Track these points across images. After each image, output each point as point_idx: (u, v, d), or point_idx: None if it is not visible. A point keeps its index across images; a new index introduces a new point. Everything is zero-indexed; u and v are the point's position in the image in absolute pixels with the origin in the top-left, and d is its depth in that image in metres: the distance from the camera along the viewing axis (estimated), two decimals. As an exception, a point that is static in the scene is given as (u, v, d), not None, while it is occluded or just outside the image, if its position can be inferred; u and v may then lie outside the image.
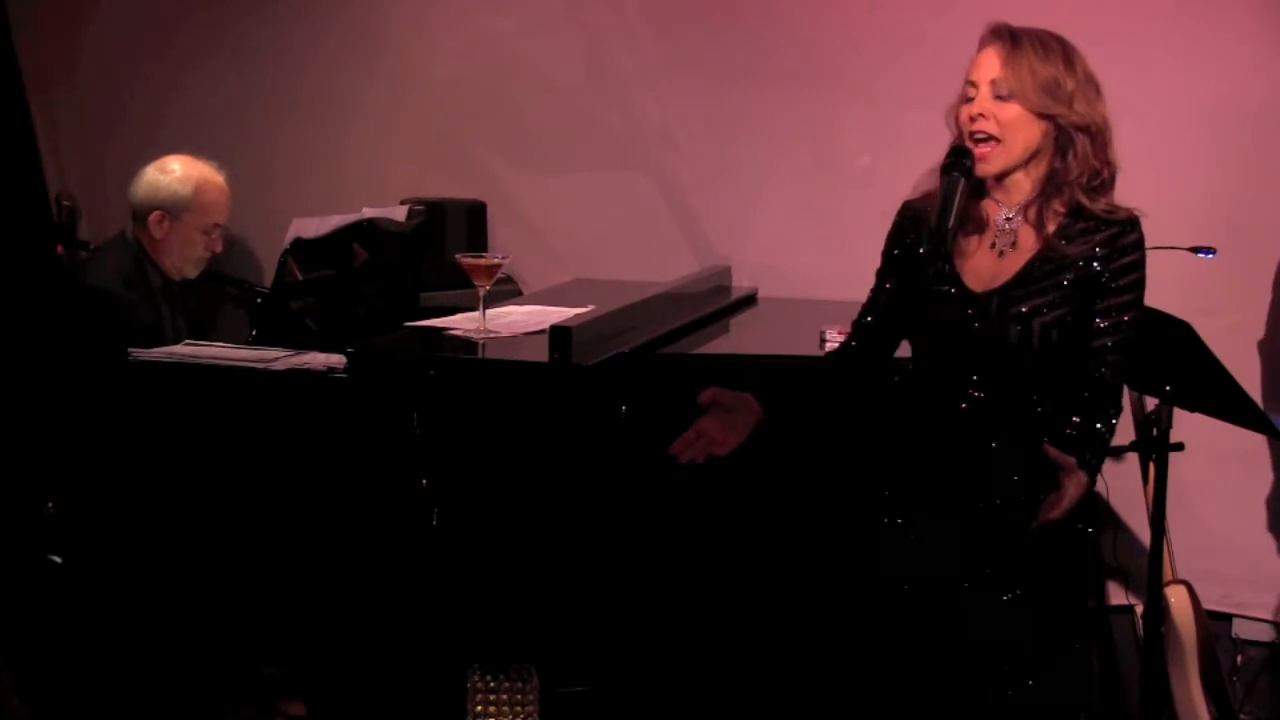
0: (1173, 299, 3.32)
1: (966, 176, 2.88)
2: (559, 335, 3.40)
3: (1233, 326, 4.07)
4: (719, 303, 4.24)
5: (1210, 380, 3.11)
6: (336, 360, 3.53)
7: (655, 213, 4.66)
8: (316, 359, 3.59)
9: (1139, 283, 2.91)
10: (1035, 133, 2.89)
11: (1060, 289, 2.88)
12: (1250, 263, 4.13)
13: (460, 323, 3.74)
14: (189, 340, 3.93)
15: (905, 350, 3.07)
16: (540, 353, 3.42)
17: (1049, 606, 2.91)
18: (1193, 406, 3.28)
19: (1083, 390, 2.87)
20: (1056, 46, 2.91)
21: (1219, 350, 3.11)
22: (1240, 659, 4.24)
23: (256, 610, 3.61)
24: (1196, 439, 3.48)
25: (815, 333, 3.68)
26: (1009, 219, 2.93)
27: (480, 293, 3.63)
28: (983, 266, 2.91)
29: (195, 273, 4.29)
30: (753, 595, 3.51)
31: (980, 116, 2.87)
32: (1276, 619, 4.23)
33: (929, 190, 2.97)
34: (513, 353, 3.54)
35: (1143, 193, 4.06)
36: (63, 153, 5.03)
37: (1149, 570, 3.36)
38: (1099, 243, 2.90)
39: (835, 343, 3.13)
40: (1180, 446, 3.39)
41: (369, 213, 4.29)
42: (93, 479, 3.69)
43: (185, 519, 3.59)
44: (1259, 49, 4.15)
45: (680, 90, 4.66)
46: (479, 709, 3.46)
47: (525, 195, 4.76)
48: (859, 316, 3.09)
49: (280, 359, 3.61)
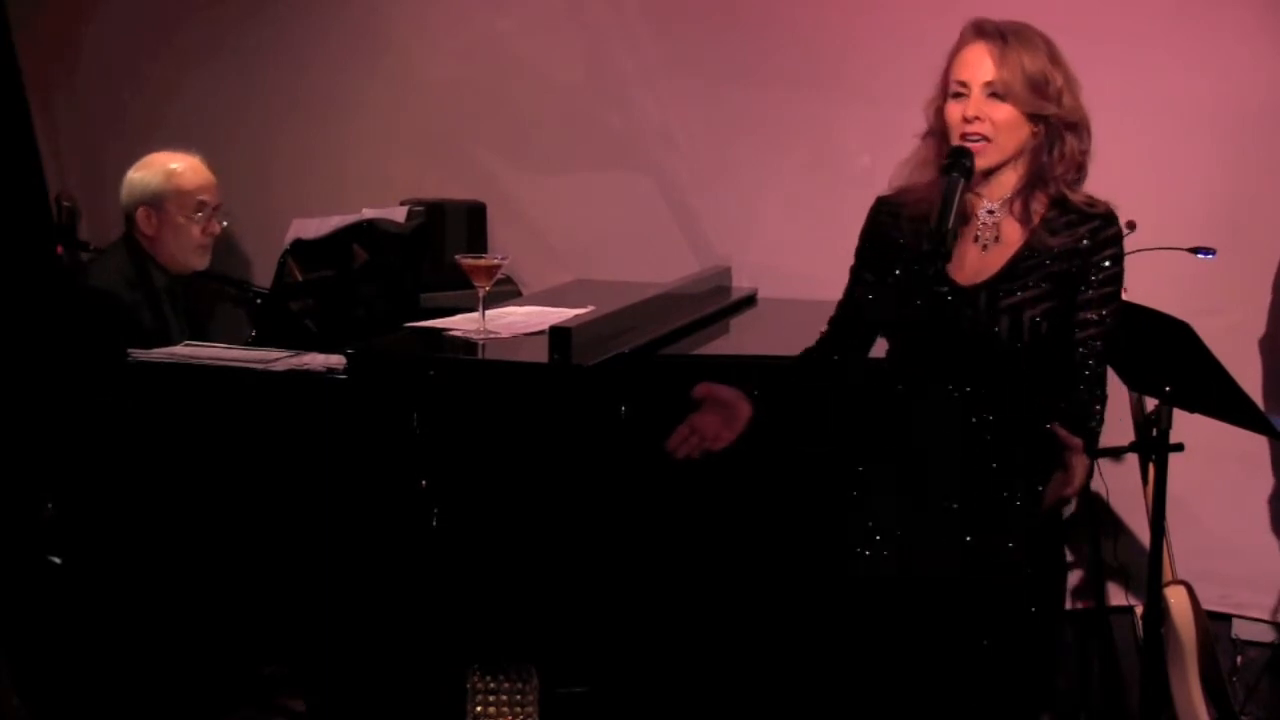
0: (1172, 299, 3.32)
1: (966, 177, 2.89)
2: (559, 336, 3.40)
3: (1232, 327, 4.07)
4: (719, 303, 4.24)
5: (1210, 381, 3.11)
6: (336, 361, 3.53)
7: (655, 213, 4.66)
8: (316, 360, 3.59)
9: (1120, 275, 2.96)
10: (1025, 130, 2.91)
11: (1047, 282, 2.91)
12: (1250, 263, 4.13)
13: (460, 323, 3.74)
14: (189, 341, 3.93)
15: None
16: (540, 354, 3.42)
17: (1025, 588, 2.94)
18: (1192, 407, 3.28)
19: (1070, 380, 2.91)
20: (1040, 42, 2.93)
21: (1219, 351, 3.11)
22: (1240, 659, 4.24)
23: (257, 610, 3.62)
24: (1196, 440, 3.48)
25: (815, 333, 3.66)
26: (991, 212, 2.94)
27: (480, 293, 3.63)
28: (966, 260, 2.92)
29: (202, 262, 4.24)
30: (752, 595, 3.51)
31: (976, 119, 2.87)
32: (1276, 619, 4.23)
33: (906, 185, 3.00)
34: (512, 353, 3.54)
35: (1143, 193, 4.09)
36: (63, 153, 5.03)
37: (1149, 571, 3.36)
38: (1083, 235, 2.93)
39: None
40: (1180, 447, 3.40)
41: (369, 213, 4.29)
42: (93, 479, 3.69)
43: (185, 519, 3.59)
44: (1259, 49, 4.15)
45: (680, 90, 4.65)
46: (479, 709, 3.46)
47: (525, 196, 4.76)
48: (836, 314, 3.11)
49: (280, 360, 3.61)
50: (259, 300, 4.49)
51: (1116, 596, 4.20)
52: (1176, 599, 3.84)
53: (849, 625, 3.04)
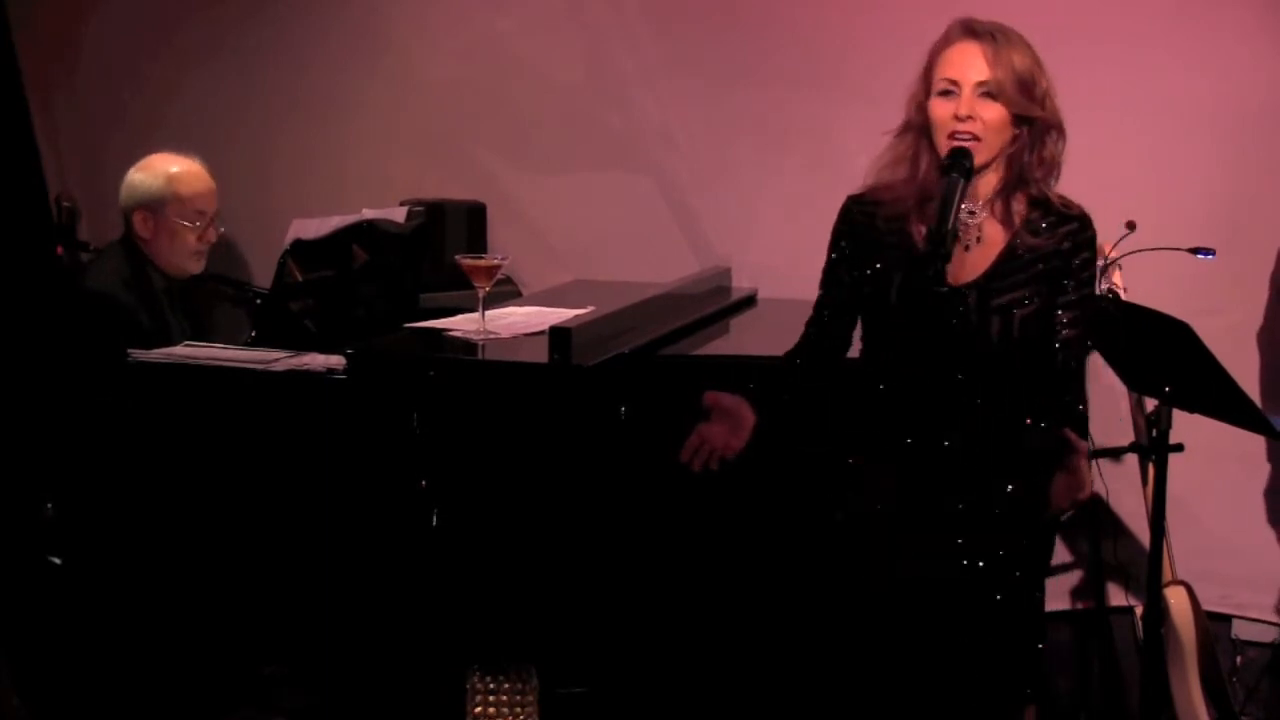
0: (1172, 299, 3.32)
1: (966, 178, 2.89)
2: (559, 336, 3.40)
3: (1232, 327, 4.07)
4: (719, 303, 4.24)
5: (1210, 381, 3.11)
6: (336, 361, 3.54)
7: (655, 213, 4.66)
8: (316, 360, 3.59)
9: (1094, 276, 3.02)
10: (1009, 132, 2.93)
11: (1033, 282, 2.94)
12: (1250, 263, 4.14)
13: (460, 324, 3.74)
14: (189, 341, 3.93)
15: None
16: (540, 354, 3.42)
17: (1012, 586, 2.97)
18: (1192, 407, 3.27)
19: (1053, 380, 2.95)
20: (1024, 44, 2.95)
21: (1218, 351, 3.10)
22: (1240, 660, 4.24)
23: (257, 610, 3.62)
24: (1196, 440, 3.48)
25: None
26: (973, 214, 2.95)
27: (480, 294, 3.63)
28: (951, 260, 2.91)
29: (197, 267, 4.23)
30: (751, 595, 3.51)
31: (969, 118, 2.88)
32: (1276, 619, 4.23)
33: (878, 183, 3.01)
34: (512, 354, 3.54)
35: (1143, 193, 4.10)
36: (63, 153, 5.02)
37: (1148, 571, 3.35)
38: (1063, 236, 2.96)
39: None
40: (1180, 447, 3.39)
41: (369, 214, 4.29)
42: (92, 479, 3.69)
43: (185, 519, 3.59)
44: (1259, 49, 4.16)
45: (680, 90, 4.65)
46: (479, 709, 3.46)
47: (525, 196, 4.75)
48: (815, 315, 3.10)
49: (280, 360, 3.61)
50: (259, 300, 4.48)
51: (1116, 597, 4.20)
52: (1176, 599, 3.84)
53: (847, 626, 3.04)
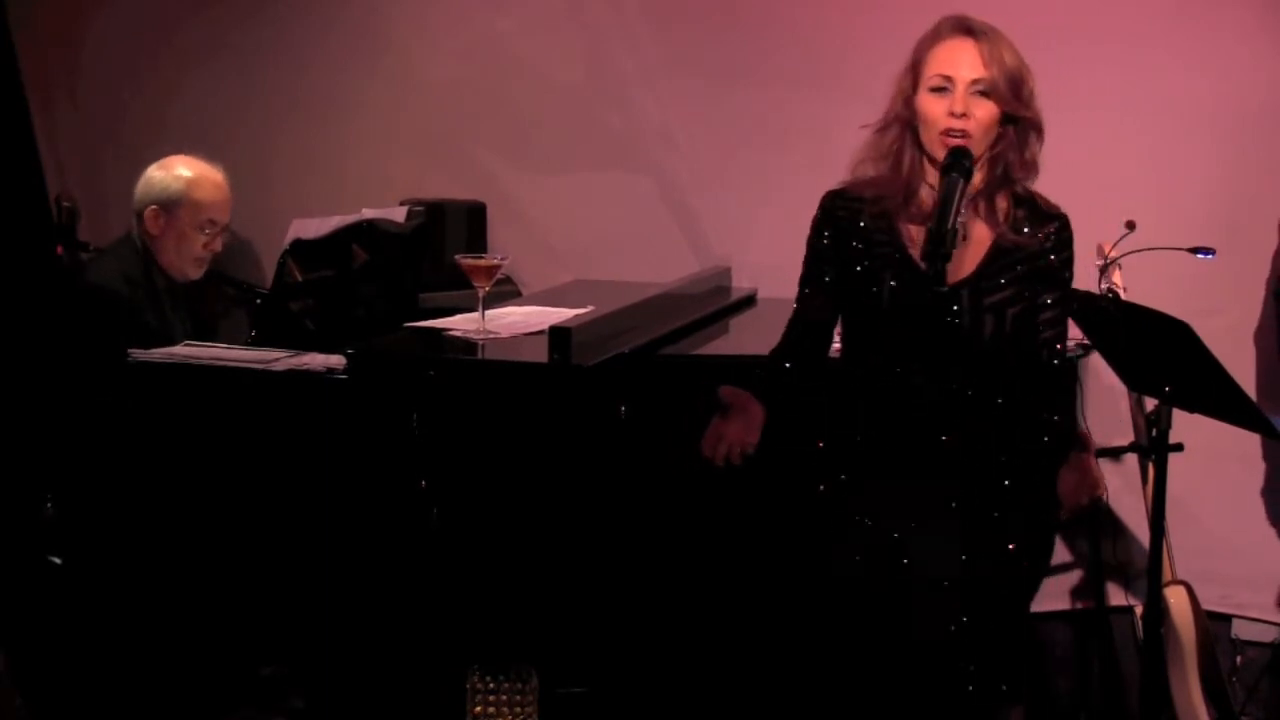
0: (1172, 299, 3.32)
1: (966, 177, 2.89)
2: (558, 336, 3.40)
3: (1232, 327, 4.07)
4: (719, 303, 4.24)
5: (1209, 381, 3.11)
6: (336, 361, 3.54)
7: (655, 213, 4.66)
8: (316, 360, 3.59)
9: (1072, 277, 3.02)
10: (996, 131, 2.93)
11: (1021, 280, 2.95)
12: (1249, 263, 4.14)
13: (460, 324, 3.74)
14: (189, 341, 3.93)
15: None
16: (540, 353, 3.42)
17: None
18: (1192, 407, 3.28)
19: (1040, 378, 2.96)
20: (1011, 43, 2.95)
21: (1218, 351, 3.11)
22: (1239, 659, 4.24)
23: (257, 610, 3.62)
24: (1195, 440, 3.48)
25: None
26: (959, 212, 2.94)
27: (480, 293, 3.63)
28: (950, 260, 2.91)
29: (197, 273, 4.24)
30: (751, 595, 3.51)
31: (964, 115, 2.88)
32: (1276, 619, 4.23)
33: (859, 178, 3.00)
34: (512, 354, 3.54)
35: (1143, 192, 4.10)
36: (63, 153, 5.02)
37: (1148, 571, 3.36)
38: (1045, 235, 2.97)
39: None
40: (1179, 447, 3.39)
41: (369, 214, 4.29)
42: (93, 479, 3.69)
43: (185, 519, 3.59)
44: (1259, 49, 4.16)
45: (680, 90, 4.65)
46: (478, 709, 3.46)
47: (525, 196, 4.75)
48: (798, 315, 3.09)
49: (280, 360, 3.61)
50: (259, 300, 4.48)
51: (1116, 597, 4.20)
52: (1176, 599, 3.84)
53: (846, 626, 3.04)
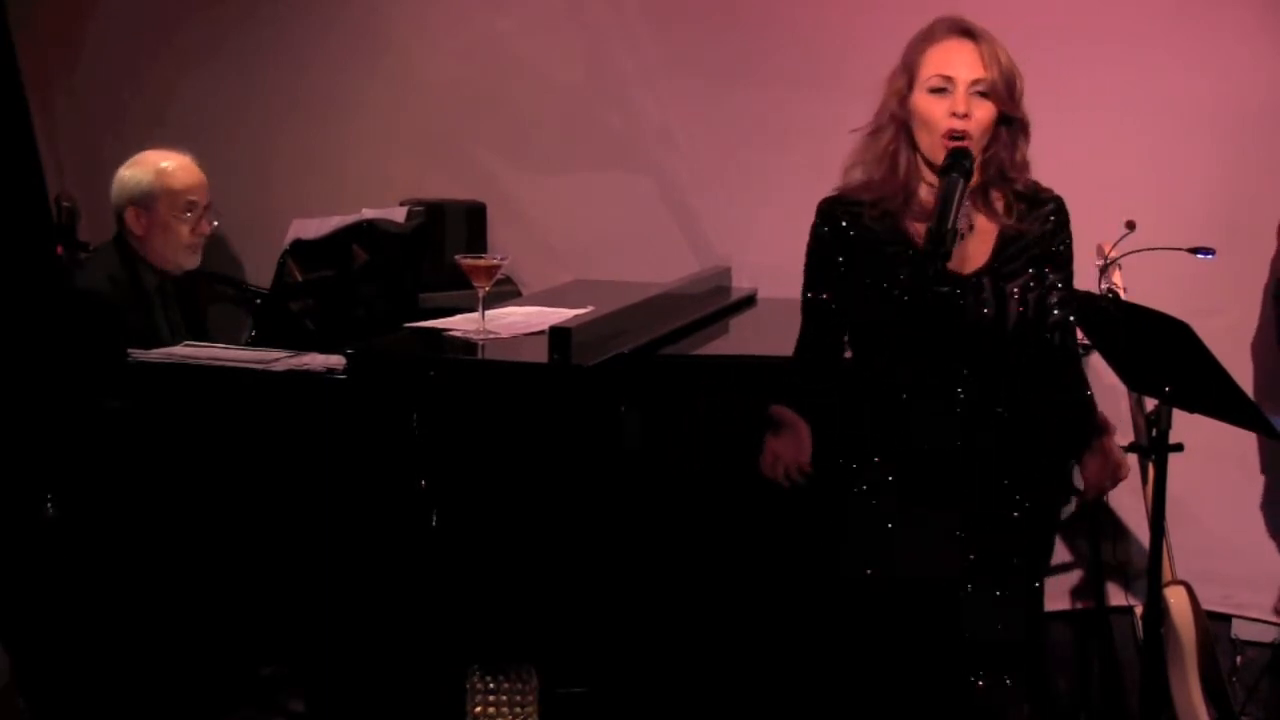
0: (1172, 299, 3.31)
1: (967, 178, 2.90)
2: (558, 336, 3.40)
3: (1232, 327, 4.08)
4: (719, 303, 4.24)
5: (1209, 381, 3.10)
6: (336, 361, 3.53)
7: (655, 213, 4.66)
8: (316, 360, 3.59)
9: (1073, 258, 3.07)
10: (991, 130, 2.96)
11: (1032, 265, 2.98)
12: (1249, 263, 4.14)
13: (460, 324, 3.74)
14: (188, 341, 3.93)
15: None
16: (540, 354, 3.42)
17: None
18: (1192, 407, 3.27)
19: (1058, 363, 3.01)
20: (1002, 45, 2.98)
21: (1218, 351, 3.10)
22: (1240, 659, 4.24)
23: (257, 610, 3.62)
24: (1196, 440, 3.48)
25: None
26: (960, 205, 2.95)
27: (480, 293, 3.63)
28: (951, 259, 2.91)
29: (192, 261, 4.20)
30: (751, 595, 3.51)
31: (966, 116, 2.88)
32: (1276, 619, 4.23)
33: (856, 181, 3.01)
34: (512, 354, 3.54)
35: (1143, 192, 4.10)
36: (62, 153, 5.02)
37: (1148, 571, 3.35)
38: (1044, 218, 3.01)
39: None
40: (1179, 447, 3.39)
41: (369, 214, 4.29)
42: (93, 479, 3.69)
43: (185, 519, 3.59)
44: (1259, 49, 4.16)
45: (680, 90, 4.65)
46: (478, 709, 3.46)
47: (525, 196, 4.76)
48: (814, 327, 3.09)
49: (280, 360, 3.61)
50: (259, 300, 4.48)
51: (1116, 597, 4.20)
52: (1176, 599, 3.84)
53: (848, 625, 3.04)
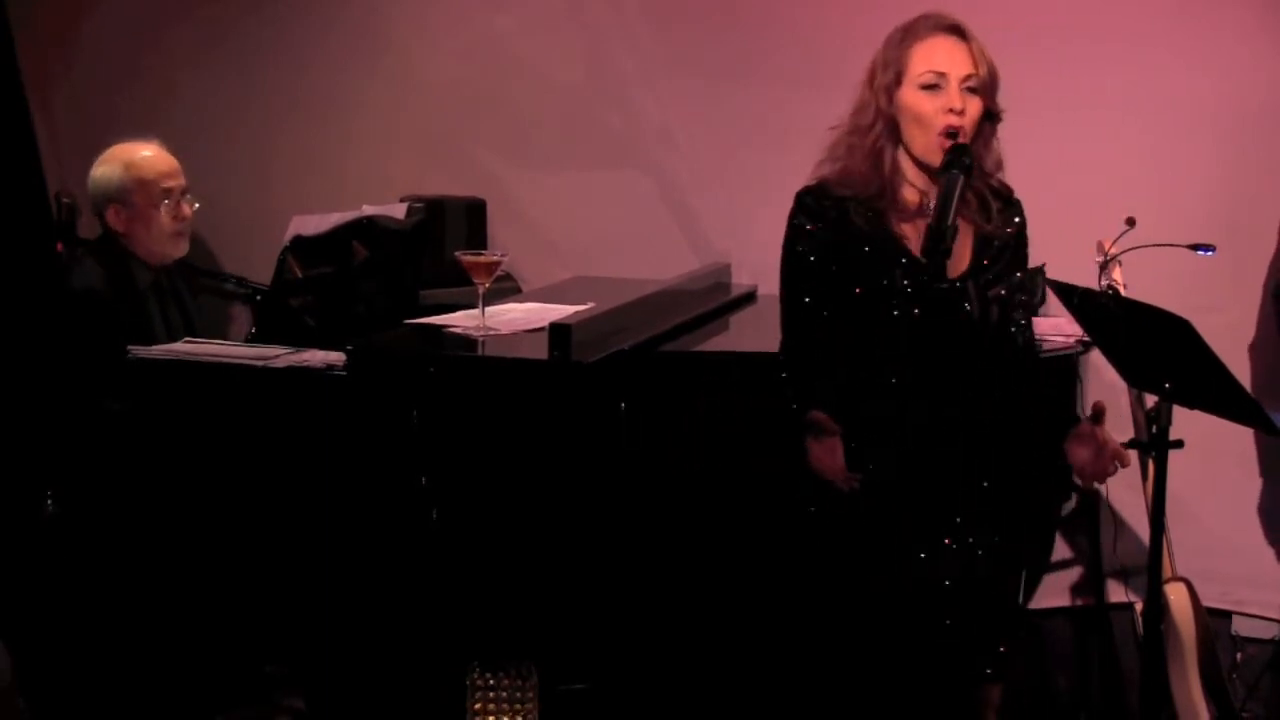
0: (1172, 296, 3.31)
1: (966, 174, 2.89)
2: (558, 333, 3.40)
3: (1232, 324, 4.08)
4: (719, 300, 4.24)
5: (1210, 378, 3.11)
6: (336, 358, 3.53)
7: (655, 211, 4.66)
8: (316, 356, 3.59)
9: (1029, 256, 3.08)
10: (978, 125, 2.95)
11: (1006, 267, 3.00)
12: (1250, 261, 4.15)
13: (460, 320, 3.74)
14: (189, 338, 3.93)
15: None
16: (540, 350, 3.42)
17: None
18: (1192, 404, 3.27)
19: (1026, 361, 3.03)
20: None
21: (1218, 347, 3.10)
22: (1240, 656, 4.24)
23: (257, 608, 3.61)
24: (1196, 437, 3.48)
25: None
26: (934, 205, 2.95)
27: (480, 290, 3.63)
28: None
29: (179, 249, 4.17)
30: (751, 593, 3.51)
31: (961, 112, 2.89)
32: (1276, 616, 4.23)
33: (834, 177, 3.00)
34: (512, 350, 3.54)
35: (1143, 191, 4.11)
36: (62, 151, 5.03)
37: (1148, 568, 3.35)
38: (1010, 219, 3.02)
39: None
40: (1180, 444, 3.39)
41: (369, 210, 4.29)
42: (93, 477, 3.69)
43: (185, 517, 3.59)
44: (1259, 49, 4.17)
45: (680, 90, 4.66)
46: (479, 706, 3.46)
47: (525, 193, 4.76)
48: (804, 326, 3.08)
49: (280, 356, 3.60)
50: (259, 297, 4.48)
51: (1116, 594, 4.21)
52: (1176, 596, 3.84)
53: (847, 624, 3.04)
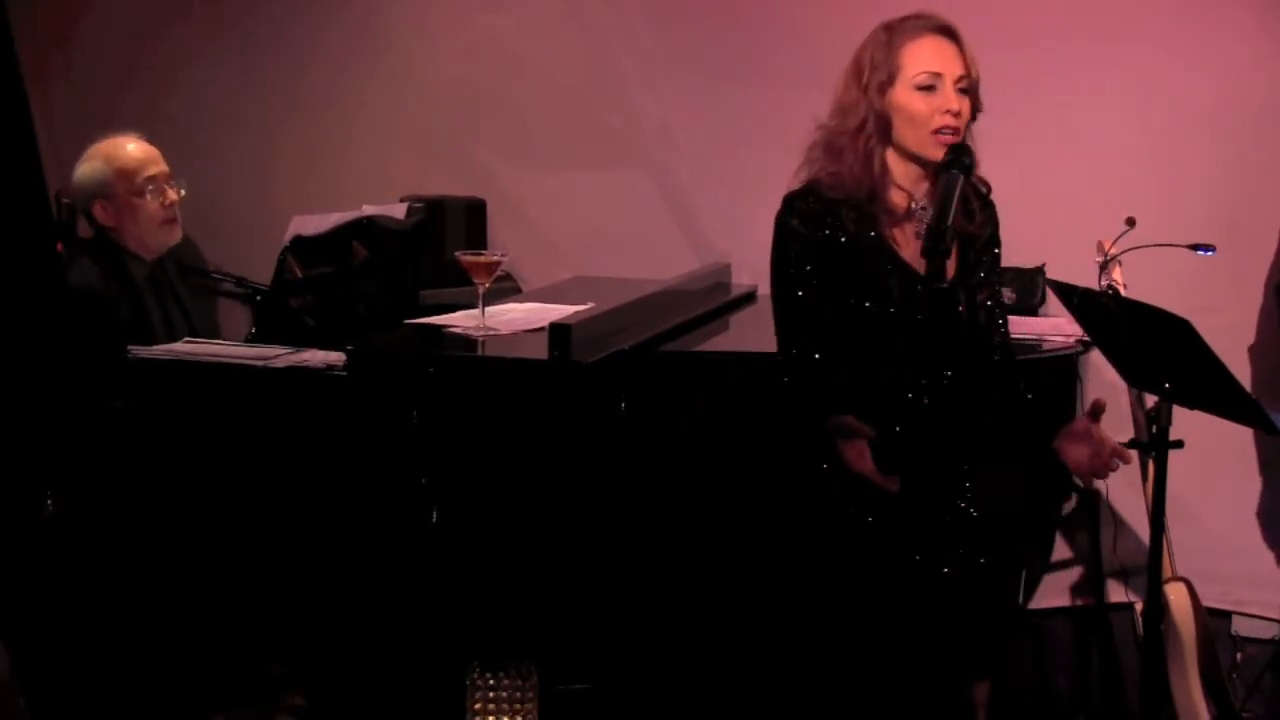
0: (1172, 296, 3.32)
1: (966, 174, 2.89)
2: (558, 333, 3.40)
3: (1232, 324, 4.08)
4: (719, 300, 4.24)
5: (1210, 378, 3.11)
6: (336, 358, 3.53)
7: (655, 211, 4.67)
8: (316, 356, 3.59)
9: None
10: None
11: (986, 267, 3.00)
12: (1249, 261, 4.15)
13: (460, 320, 3.74)
14: (189, 338, 3.93)
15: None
16: (540, 350, 3.42)
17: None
18: (1192, 404, 3.28)
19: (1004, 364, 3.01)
20: None
21: (1218, 348, 3.11)
22: (1240, 656, 4.24)
23: (257, 608, 3.61)
24: (1196, 437, 3.49)
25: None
26: (923, 208, 2.94)
27: (480, 290, 3.63)
28: (920, 255, 2.90)
29: (172, 236, 4.17)
30: (751, 593, 3.51)
31: (958, 113, 2.88)
32: (1276, 616, 4.24)
33: (820, 180, 2.98)
34: (512, 350, 3.54)
35: (1143, 191, 4.11)
36: (62, 150, 5.02)
37: (1148, 568, 3.36)
38: (988, 218, 3.01)
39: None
40: (1180, 444, 3.39)
41: (369, 210, 4.28)
42: (93, 476, 3.69)
43: (186, 517, 3.59)
44: (1259, 49, 4.17)
45: (680, 90, 4.66)
46: (478, 706, 3.45)
47: (525, 193, 4.76)
48: (802, 323, 3.04)
49: (280, 356, 3.60)
50: (259, 297, 4.48)
51: (1116, 593, 4.21)
52: (1176, 596, 3.84)
53: (846, 624, 3.04)
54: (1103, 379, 3.86)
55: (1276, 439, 3.88)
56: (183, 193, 4.21)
